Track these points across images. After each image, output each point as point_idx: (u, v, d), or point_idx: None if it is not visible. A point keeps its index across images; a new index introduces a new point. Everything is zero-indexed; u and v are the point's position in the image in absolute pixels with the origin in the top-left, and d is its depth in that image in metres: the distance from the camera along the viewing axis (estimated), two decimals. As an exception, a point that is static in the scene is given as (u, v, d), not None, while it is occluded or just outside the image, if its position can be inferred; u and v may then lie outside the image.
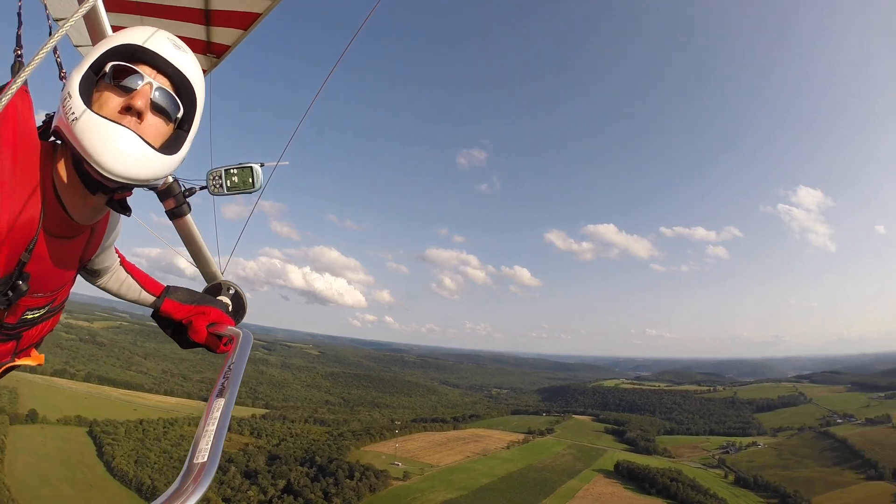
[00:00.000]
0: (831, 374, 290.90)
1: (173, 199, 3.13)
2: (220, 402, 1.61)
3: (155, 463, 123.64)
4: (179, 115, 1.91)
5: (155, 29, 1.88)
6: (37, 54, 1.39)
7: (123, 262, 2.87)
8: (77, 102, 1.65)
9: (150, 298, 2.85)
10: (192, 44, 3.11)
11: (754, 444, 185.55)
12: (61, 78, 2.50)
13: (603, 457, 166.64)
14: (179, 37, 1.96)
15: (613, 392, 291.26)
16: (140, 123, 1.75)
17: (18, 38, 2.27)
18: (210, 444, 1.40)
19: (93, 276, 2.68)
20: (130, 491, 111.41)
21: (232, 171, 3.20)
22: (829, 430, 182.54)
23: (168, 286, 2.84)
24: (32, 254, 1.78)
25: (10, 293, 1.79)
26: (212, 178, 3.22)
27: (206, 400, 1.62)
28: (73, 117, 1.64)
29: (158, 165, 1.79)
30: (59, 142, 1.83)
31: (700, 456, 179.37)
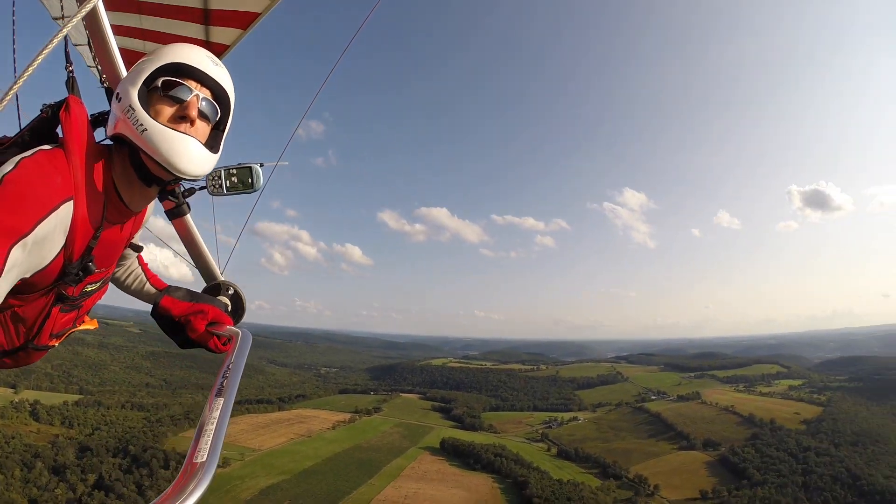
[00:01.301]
0: (647, 356, 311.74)
1: (173, 198, 3.14)
2: (220, 402, 1.63)
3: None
4: (217, 118, 2.28)
5: (195, 46, 2.24)
6: (38, 54, 1.49)
7: (138, 256, 3.18)
8: (143, 115, 2.00)
9: (152, 293, 3.13)
10: (191, 43, 2.99)
11: (575, 418, 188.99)
12: (102, 83, 2.95)
13: (429, 434, 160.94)
14: (178, 36, 2.29)
15: (441, 371, 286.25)
16: (192, 128, 2.12)
17: (67, 54, 2.47)
18: (209, 443, 1.41)
19: (134, 250, 3.03)
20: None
21: (231, 171, 3.21)
22: (644, 405, 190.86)
23: (169, 285, 2.91)
24: (98, 240, 2.12)
25: (82, 273, 2.12)
26: (211, 178, 3.21)
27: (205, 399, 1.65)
28: (141, 129, 1.99)
29: (211, 162, 2.23)
30: (112, 142, 2.19)
31: (524, 431, 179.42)
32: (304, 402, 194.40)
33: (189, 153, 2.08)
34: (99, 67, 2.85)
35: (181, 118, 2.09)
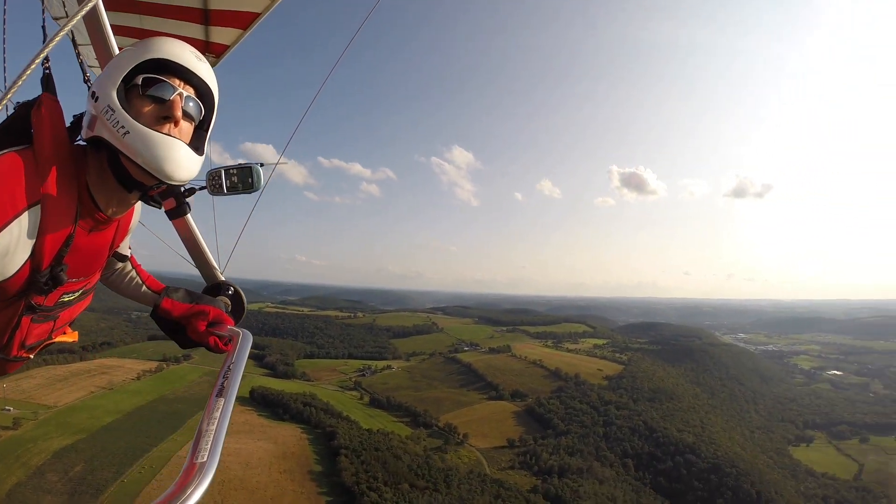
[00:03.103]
0: (463, 308, 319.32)
1: (173, 198, 3.15)
2: (220, 402, 1.64)
3: None
4: (201, 117, 2.13)
5: (176, 41, 2.07)
6: (37, 54, 1.49)
7: (130, 258, 3.05)
8: (124, 116, 1.84)
9: (151, 295, 3.00)
10: (191, 43, 3.06)
11: (389, 367, 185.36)
12: (86, 81, 2.88)
13: (241, 383, 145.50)
14: (178, 36, 2.20)
15: (257, 316, 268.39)
16: (175, 129, 1.97)
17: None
18: (210, 443, 1.41)
19: (119, 260, 2.91)
20: None
21: (231, 171, 3.21)
22: (456, 356, 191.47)
23: (167, 286, 2.90)
24: (70, 247, 1.97)
25: (51, 282, 1.97)
26: (211, 178, 3.22)
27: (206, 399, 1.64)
28: (123, 131, 1.83)
29: (198, 165, 2.07)
30: (85, 143, 2.02)
31: (338, 379, 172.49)
32: (110, 350, 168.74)
33: (176, 157, 1.92)
34: (85, 62, 3.00)
35: (164, 118, 1.93)
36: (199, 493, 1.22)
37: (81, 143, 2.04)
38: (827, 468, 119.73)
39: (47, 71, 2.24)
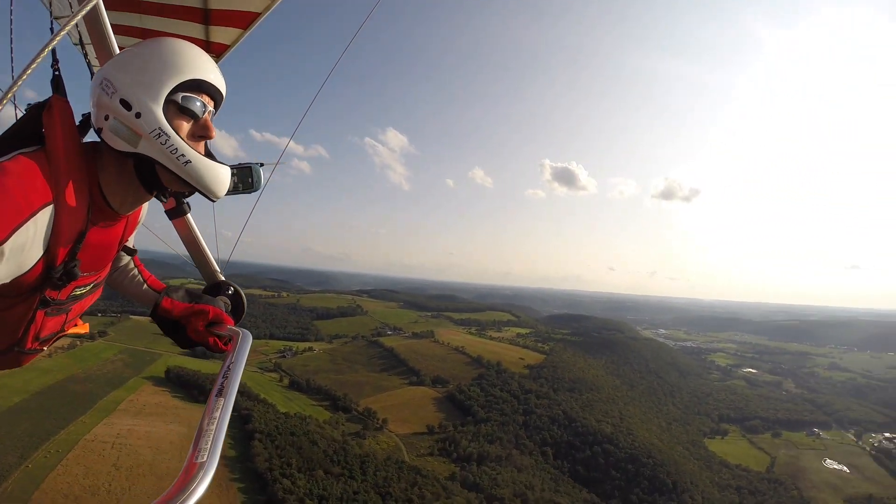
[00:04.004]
0: (389, 292, 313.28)
1: (173, 198, 3.07)
2: (220, 402, 1.65)
3: None
4: None
5: (207, 56, 2.11)
6: (38, 54, 1.50)
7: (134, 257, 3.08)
8: (182, 145, 1.93)
9: (151, 294, 3.03)
10: (192, 43, 3.33)
11: (310, 349, 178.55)
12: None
13: (156, 362, 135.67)
14: (178, 36, 2.26)
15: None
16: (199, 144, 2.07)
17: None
18: (210, 443, 1.42)
19: (128, 254, 2.91)
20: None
21: (232, 171, 2.95)
22: (379, 339, 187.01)
23: (168, 285, 2.92)
24: (82, 244, 2.02)
25: (65, 277, 2.02)
26: None
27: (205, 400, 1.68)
28: (184, 160, 1.93)
29: None
30: (96, 137, 2.05)
31: (258, 360, 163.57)
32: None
33: (225, 181, 2.11)
34: (91, 62, 3.03)
35: (200, 137, 2.06)
36: (198, 493, 1.23)
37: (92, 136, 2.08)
38: (740, 460, 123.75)
39: (56, 73, 2.22)
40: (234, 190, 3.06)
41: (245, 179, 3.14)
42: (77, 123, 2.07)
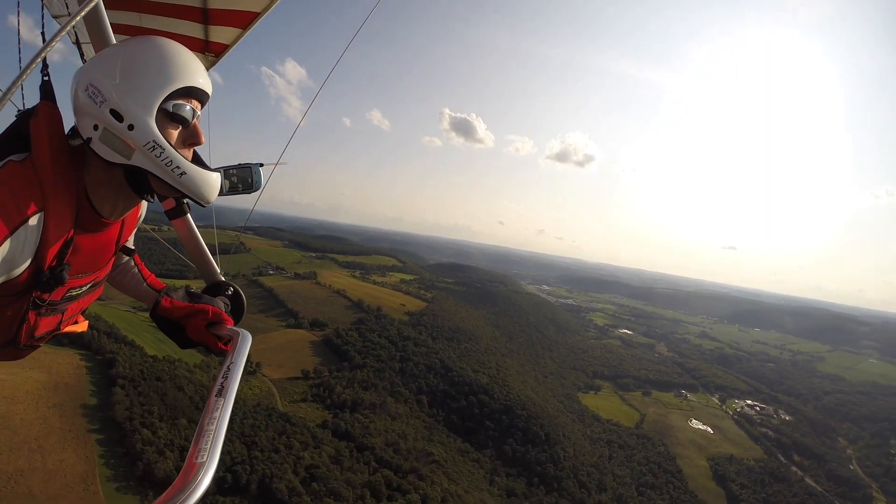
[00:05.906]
0: (276, 230, 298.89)
1: (173, 199, 3.10)
2: (220, 402, 1.68)
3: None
4: None
5: (196, 59, 2.05)
6: (38, 54, 1.51)
7: (134, 256, 3.08)
8: (178, 158, 1.91)
9: (151, 293, 3.00)
10: (191, 42, 3.48)
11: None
12: None
13: None
14: (178, 35, 2.28)
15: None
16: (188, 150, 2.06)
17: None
18: (210, 443, 1.43)
19: (126, 254, 2.88)
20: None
21: (231, 171, 3.18)
22: (259, 279, 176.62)
23: (168, 285, 2.96)
24: (70, 249, 2.01)
25: (53, 282, 2.00)
26: None
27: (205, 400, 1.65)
28: (179, 172, 1.91)
29: None
30: (80, 143, 1.99)
31: (132, 299, 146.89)
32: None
33: (217, 187, 2.09)
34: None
35: (190, 144, 2.04)
36: (198, 493, 1.22)
37: (79, 140, 2.00)
38: (612, 415, 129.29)
39: (46, 78, 2.16)
40: (234, 190, 3.05)
41: (245, 179, 3.08)
42: (68, 131, 2.02)
